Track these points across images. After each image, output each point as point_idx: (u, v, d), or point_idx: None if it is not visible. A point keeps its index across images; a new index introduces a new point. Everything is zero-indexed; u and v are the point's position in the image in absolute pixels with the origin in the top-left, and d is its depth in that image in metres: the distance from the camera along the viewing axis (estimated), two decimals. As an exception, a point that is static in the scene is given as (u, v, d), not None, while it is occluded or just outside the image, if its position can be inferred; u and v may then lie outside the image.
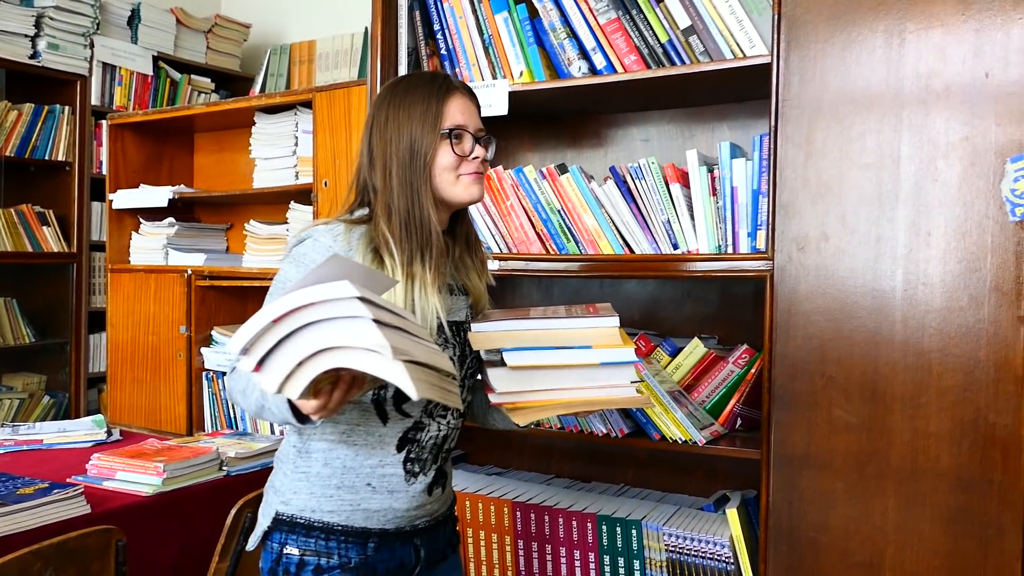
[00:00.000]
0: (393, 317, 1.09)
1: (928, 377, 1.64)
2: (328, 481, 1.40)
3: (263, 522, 1.45)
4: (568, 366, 1.41)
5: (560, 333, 1.42)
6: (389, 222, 1.40)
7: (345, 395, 1.19)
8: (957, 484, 1.62)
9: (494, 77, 2.19)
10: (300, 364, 1.05)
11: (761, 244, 1.87)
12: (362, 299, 1.03)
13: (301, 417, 1.26)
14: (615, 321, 1.46)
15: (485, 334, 1.44)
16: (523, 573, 2.20)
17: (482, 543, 2.25)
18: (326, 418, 1.24)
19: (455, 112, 1.44)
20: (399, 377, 1.04)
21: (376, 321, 1.04)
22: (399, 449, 1.42)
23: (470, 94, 1.50)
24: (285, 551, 1.41)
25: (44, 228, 3.65)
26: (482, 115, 1.52)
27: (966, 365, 1.61)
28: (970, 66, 1.60)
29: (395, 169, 1.41)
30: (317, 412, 1.19)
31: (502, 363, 1.43)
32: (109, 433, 2.39)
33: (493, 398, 1.45)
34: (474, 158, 1.46)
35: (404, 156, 1.41)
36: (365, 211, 1.47)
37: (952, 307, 1.62)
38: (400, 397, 1.39)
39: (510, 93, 2.13)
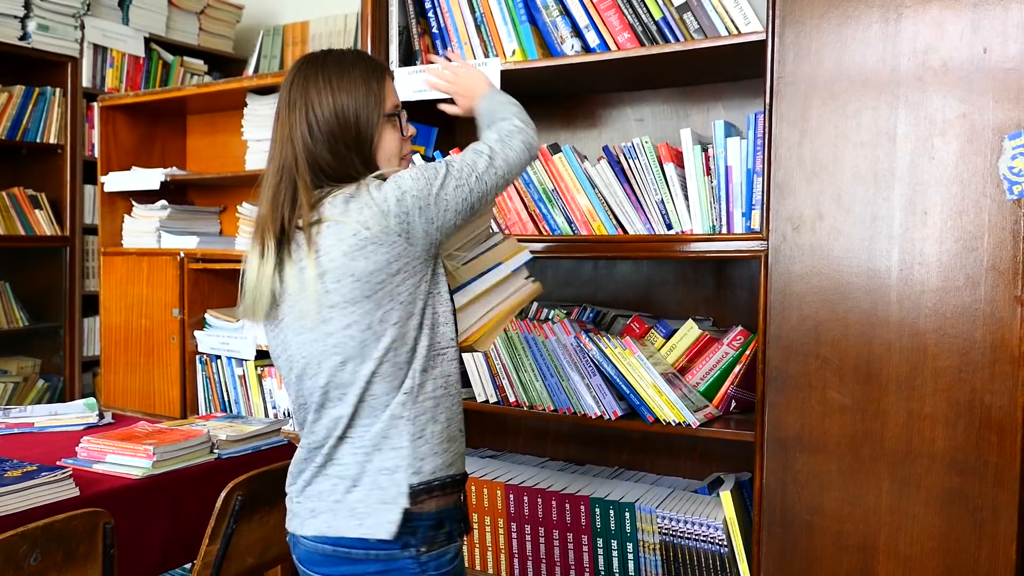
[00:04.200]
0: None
1: (923, 358, 1.62)
2: (442, 436, 1.39)
3: (392, 507, 1.33)
4: (493, 286, 1.60)
5: (476, 263, 1.60)
6: None
7: None
8: (952, 466, 1.60)
9: (486, 56, 2.16)
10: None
11: (756, 224, 1.85)
12: None
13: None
14: (501, 235, 1.69)
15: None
16: (516, 555, 2.19)
17: (475, 525, 2.24)
18: None
19: (392, 92, 1.45)
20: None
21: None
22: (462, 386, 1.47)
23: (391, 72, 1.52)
24: (425, 513, 1.35)
25: (36, 211, 3.62)
26: None
27: (962, 346, 1.59)
28: (968, 42, 1.57)
29: (353, 150, 1.39)
30: None
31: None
32: (101, 416, 2.38)
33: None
34: (408, 136, 1.49)
35: (353, 138, 1.39)
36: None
37: (948, 287, 1.60)
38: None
39: (502, 72, 2.10)
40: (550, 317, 2.21)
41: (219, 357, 2.93)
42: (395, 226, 1.31)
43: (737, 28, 1.85)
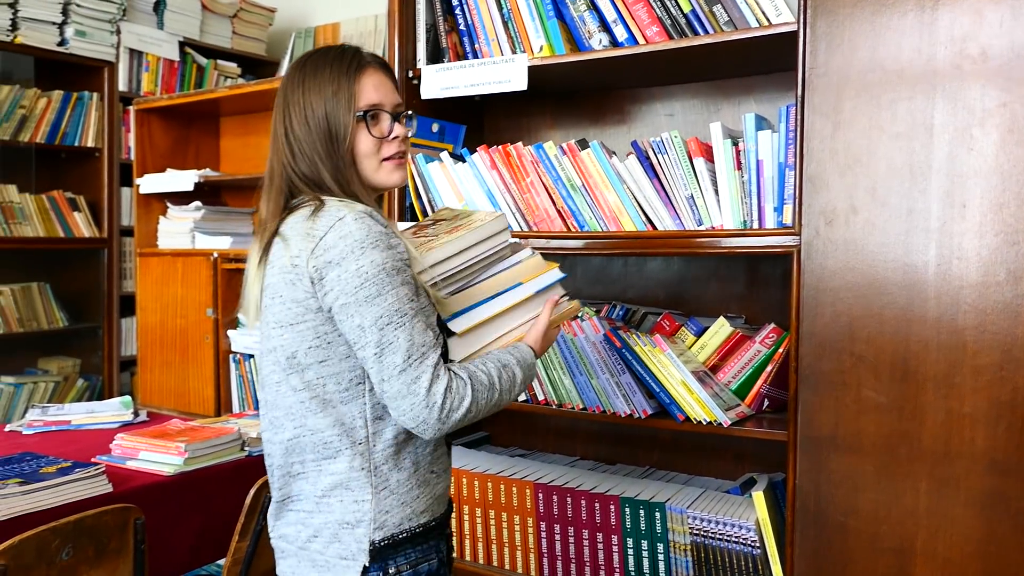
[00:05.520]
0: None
1: (963, 355, 1.58)
2: (408, 484, 1.32)
3: (352, 564, 1.28)
4: (511, 307, 1.44)
5: (489, 283, 1.45)
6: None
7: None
8: (992, 467, 1.55)
9: (513, 52, 2.15)
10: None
11: (788, 219, 1.81)
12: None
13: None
14: (529, 251, 1.52)
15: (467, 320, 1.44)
16: (546, 555, 2.17)
17: (504, 525, 2.23)
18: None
19: (368, 90, 1.35)
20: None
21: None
22: None
23: (384, 68, 1.40)
24: (394, 572, 1.30)
25: (75, 214, 3.69)
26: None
27: (1003, 343, 1.54)
28: (1008, 28, 1.52)
29: (323, 156, 1.33)
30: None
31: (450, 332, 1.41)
32: (136, 414, 2.41)
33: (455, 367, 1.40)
34: (394, 138, 1.37)
35: (325, 142, 1.32)
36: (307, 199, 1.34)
37: (988, 282, 1.55)
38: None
39: (530, 68, 2.08)
40: (579, 315, 2.19)
41: (252, 356, 2.95)
42: (313, 271, 1.25)
43: (768, 19, 1.82)
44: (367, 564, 1.28)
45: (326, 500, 1.30)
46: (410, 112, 1.43)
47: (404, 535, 1.31)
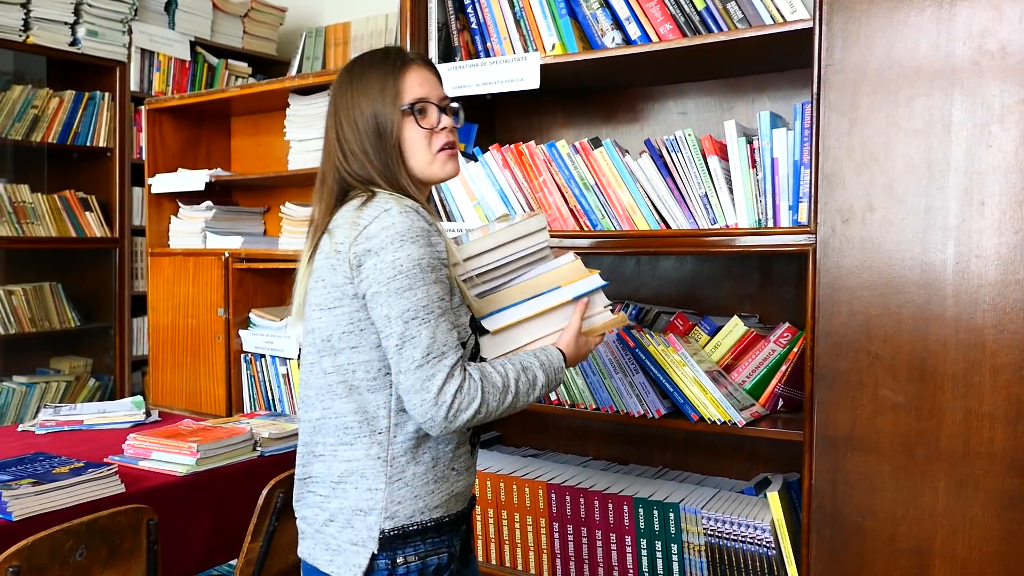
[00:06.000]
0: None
1: (982, 354, 1.56)
2: (425, 478, 1.34)
3: (361, 550, 1.31)
4: (545, 311, 1.43)
5: (528, 285, 1.46)
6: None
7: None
8: (1012, 467, 1.53)
9: (525, 50, 2.14)
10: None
11: (803, 217, 1.80)
12: None
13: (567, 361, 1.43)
14: (571, 256, 1.50)
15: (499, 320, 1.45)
16: (559, 556, 2.16)
17: (517, 525, 2.22)
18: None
19: (414, 85, 1.39)
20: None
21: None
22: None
23: (427, 64, 1.45)
24: (402, 562, 1.32)
25: (87, 214, 3.70)
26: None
27: (1023, 342, 1.52)
28: (1028, 24, 1.50)
29: (372, 155, 1.36)
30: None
31: (484, 330, 1.44)
32: (148, 414, 2.41)
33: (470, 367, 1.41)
34: (442, 128, 1.41)
35: (374, 140, 1.36)
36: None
37: (1008, 280, 1.53)
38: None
39: (542, 66, 2.07)
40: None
41: (263, 356, 2.95)
42: (353, 258, 1.29)
43: (783, 16, 1.80)
44: (375, 551, 1.31)
45: (342, 486, 1.34)
46: (456, 104, 1.46)
47: (415, 527, 1.33)
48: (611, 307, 1.54)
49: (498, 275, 1.47)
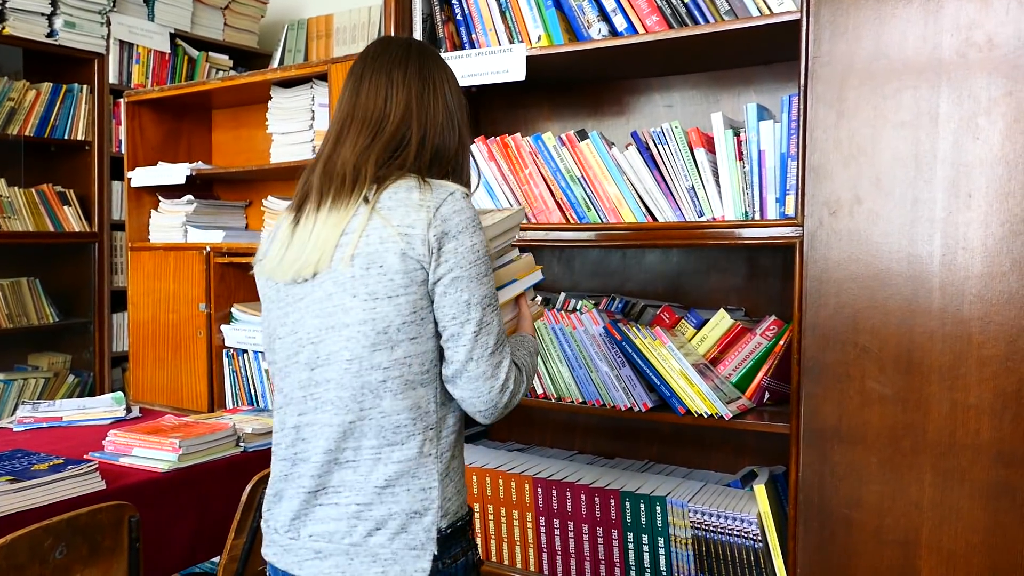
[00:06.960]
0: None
1: (968, 347, 1.56)
2: (460, 471, 1.31)
3: (421, 554, 1.23)
4: (507, 303, 1.47)
5: (497, 275, 1.48)
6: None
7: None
8: (998, 458, 1.54)
9: (511, 42, 2.12)
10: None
11: (790, 210, 1.79)
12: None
13: None
14: (527, 254, 1.55)
15: None
16: (545, 550, 2.16)
17: (503, 520, 2.21)
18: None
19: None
20: None
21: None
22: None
23: None
24: (450, 562, 1.25)
25: (65, 208, 3.64)
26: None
27: (1009, 334, 1.53)
28: (1014, 16, 1.51)
29: (463, 135, 1.38)
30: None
31: None
32: (128, 410, 2.38)
33: None
34: None
35: (465, 125, 1.39)
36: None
37: (994, 273, 1.54)
38: None
39: (528, 58, 2.06)
40: (578, 307, 2.17)
41: (245, 351, 2.92)
42: (432, 240, 1.22)
43: (770, 8, 1.79)
44: (435, 553, 1.23)
45: (390, 490, 1.24)
46: None
47: (460, 523, 1.29)
48: (538, 298, 1.62)
49: None
